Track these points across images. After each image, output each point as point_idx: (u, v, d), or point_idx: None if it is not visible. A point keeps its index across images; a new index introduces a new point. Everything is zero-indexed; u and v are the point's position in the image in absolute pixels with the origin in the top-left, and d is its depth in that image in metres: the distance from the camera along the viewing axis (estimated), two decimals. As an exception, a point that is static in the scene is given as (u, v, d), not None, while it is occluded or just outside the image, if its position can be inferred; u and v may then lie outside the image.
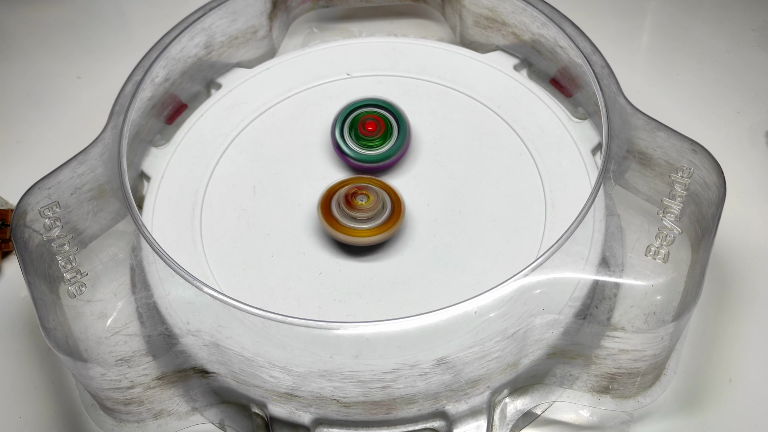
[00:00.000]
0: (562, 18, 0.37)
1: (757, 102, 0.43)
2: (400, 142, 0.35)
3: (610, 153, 0.31)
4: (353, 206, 0.32)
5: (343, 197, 0.32)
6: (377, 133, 0.35)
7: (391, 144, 0.35)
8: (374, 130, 0.35)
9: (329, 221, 0.32)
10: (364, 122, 0.35)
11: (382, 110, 0.35)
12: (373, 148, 0.34)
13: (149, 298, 0.29)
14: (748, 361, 0.33)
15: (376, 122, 0.35)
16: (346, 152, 0.34)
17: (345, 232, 0.31)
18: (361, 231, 0.31)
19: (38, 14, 0.50)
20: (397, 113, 0.35)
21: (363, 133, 0.35)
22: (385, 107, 0.35)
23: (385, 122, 0.35)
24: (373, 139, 0.35)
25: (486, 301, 0.28)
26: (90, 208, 0.31)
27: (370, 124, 0.35)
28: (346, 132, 0.35)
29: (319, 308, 0.31)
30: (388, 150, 0.34)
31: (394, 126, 0.35)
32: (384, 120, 0.35)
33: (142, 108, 0.36)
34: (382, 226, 0.32)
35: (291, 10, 0.44)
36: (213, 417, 0.32)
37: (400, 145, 0.35)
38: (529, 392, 0.32)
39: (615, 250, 0.30)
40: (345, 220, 0.32)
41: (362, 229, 0.31)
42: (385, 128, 0.35)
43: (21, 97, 0.46)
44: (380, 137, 0.35)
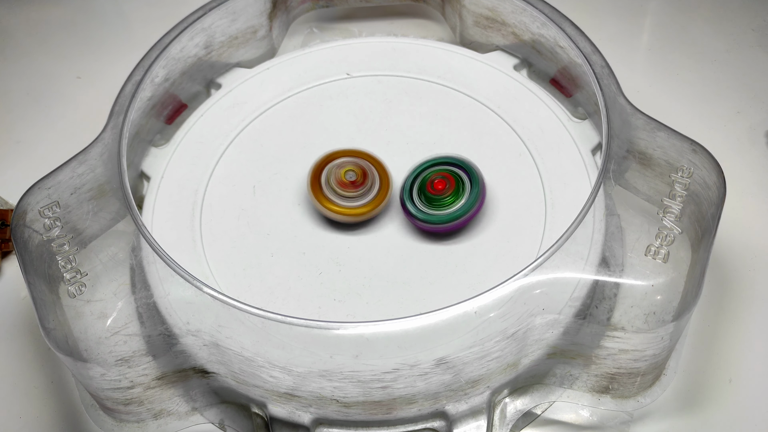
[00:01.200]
0: (562, 18, 0.37)
1: (756, 102, 0.43)
2: (474, 199, 0.32)
3: (610, 153, 0.31)
4: (343, 184, 0.32)
5: (333, 175, 0.33)
6: (446, 192, 0.32)
7: (463, 202, 0.32)
8: (443, 189, 0.32)
9: (320, 199, 0.33)
10: (434, 181, 0.32)
11: (453, 167, 0.33)
12: (444, 207, 0.32)
13: (149, 298, 0.29)
14: (748, 361, 0.33)
15: (446, 180, 0.32)
16: (415, 214, 0.32)
17: (335, 210, 0.32)
18: (351, 209, 0.32)
19: (38, 14, 0.50)
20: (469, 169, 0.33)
21: (432, 192, 0.32)
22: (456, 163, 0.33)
23: (456, 179, 0.32)
24: (443, 198, 0.32)
25: (486, 301, 0.28)
26: (90, 208, 0.31)
27: (439, 183, 0.32)
28: (416, 194, 0.33)
29: (319, 308, 0.31)
30: (460, 209, 0.32)
31: (466, 182, 0.32)
32: (454, 177, 0.32)
33: (141, 108, 0.36)
34: (373, 201, 0.33)
35: (291, 10, 0.44)
36: (213, 417, 0.32)
37: (473, 202, 0.32)
38: (529, 392, 0.32)
39: (615, 250, 0.30)
40: (335, 198, 0.32)
41: (352, 207, 0.32)
42: (455, 186, 0.32)
43: (21, 97, 0.46)
44: (451, 195, 0.32)
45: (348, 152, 0.34)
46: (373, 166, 0.33)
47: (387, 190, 0.33)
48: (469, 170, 0.33)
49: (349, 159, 0.33)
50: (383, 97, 0.38)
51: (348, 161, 0.33)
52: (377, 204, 0.33)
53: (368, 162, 0.34)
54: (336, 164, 0.33)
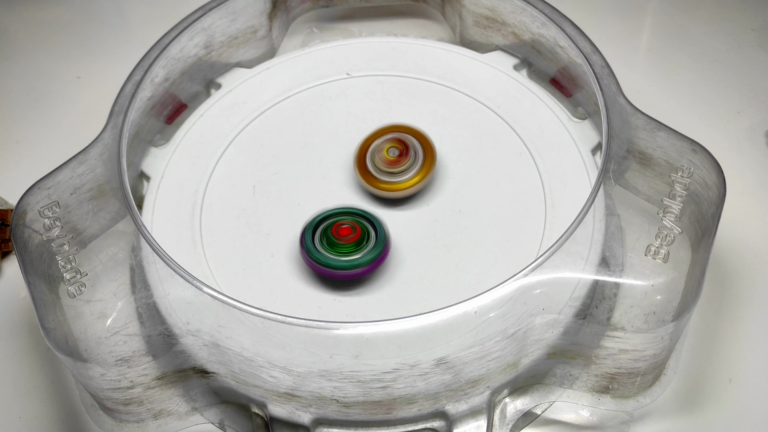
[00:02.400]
0: (562, 18, 0.37)
1: (757, 102, 0.43)
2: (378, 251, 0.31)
3: (610, 153, 0.31)
4: (387, 161, 0.33)
5: (376, 153, 0.34)
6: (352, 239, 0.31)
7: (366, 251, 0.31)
8: (348, 236, 0.31)
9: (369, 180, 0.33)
10: (339, 228, 0.32)
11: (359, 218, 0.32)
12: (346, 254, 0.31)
13: (149, 298, 0.29)
14: (748, 361, 0.33)
15: (352, 228, 0.31)
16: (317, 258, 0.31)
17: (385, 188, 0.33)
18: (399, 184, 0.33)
19: (38, 14, 0.50)
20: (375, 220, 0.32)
21: (336, 237, 0.31)
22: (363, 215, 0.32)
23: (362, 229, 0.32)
24: (348, 246, 0.31)
25: (486, 301, 0.27)
26: (90, 208, 0.31)
27: (345, 230, 0.31)
28: (317, 237, 0.32)
29: (319, 308, 0.31)
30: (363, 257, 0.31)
31: (371, 233, 0.32)
32: (361, 227, 0.32)
33: (141, 108, 0.36)
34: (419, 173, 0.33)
35: (291, 9, 0.44)
36: (213, 417, 0.32)
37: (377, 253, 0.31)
38: (529, 392, 0.32)
39: (615, 249, 0.30)
40: (382, 175, 0.33)
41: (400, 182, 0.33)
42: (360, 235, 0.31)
43: (21, 97, 0.46)
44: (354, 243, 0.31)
45: (384, 129, 0.35)
46: (412, 136, 0.34)
47: (432, 157, 0.34)
48: (376, 223, 0.32)
49: (389, 136, 0.34)
50: (383, 97, 0.38)
51: (387, 139, 0.34)
52: (426, 173, 0.33)
53: (406, 134, 0.34)
54: (376, 145, 0.34)
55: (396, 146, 0.34)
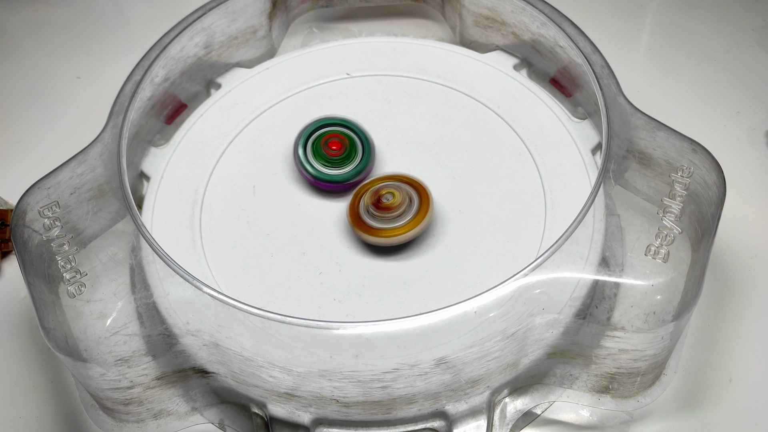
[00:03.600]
0: (562, 18, 0.37)
1: (756, 102, 0.43)
2: (364, 164, 0.34)
3: (610, 153, 0.31)
4: (382, 207, 0.32)
5: (370, 200, 0.32)
6: (340, 153, 0.34)
7: (354, 165, 0.34)
8: (338, 149, 0.34)
9: (363, 228, 0.32)
10: (328, 142, 0.34)
11: (347, 129, 0.35)
12: (336, 167, 0.34)
13: (149, 298, 0.29)
14: (748, 361, 0.33)
15: (341, 142, 0.34)
16: (309, 171, 0.34)
17: (379, 234, 0.32)
18: (394, 230, 0.32)
19: (38, 14, 0.50)
20: (361, 133, 0.35)
21: (327, 153, 0.34)
22: (349, 127, 0.35)
23: (350, 141, 0.34)
24: (337, 159, 0.34)
25: (486, 301, 0.27)
26: (89, 208, 0.31)
27: (334, 144, 0.34)
28: (309, 151, 0.34)
29: (318, 308, 0.31)
30: (351, 171, 0.34)
31: (358, 146, 0.35)
32: (348, 139, 0.35)
33: (141, 108, 0.36)
34: (414, 220, 0.32)
35: (290, 9, 0.44)
36: (213, 417, 0.32)
37: (363, 167, 0.34)
38: (529, 392, 0.32)
39: (615, 249, 0.30)
40: (376, 222, 0.32)
41: (395, 228, 0.32)
42: (349, 148, 0.34)
43: (21, 97, 0.46)
44: (343, 157, 0.34)
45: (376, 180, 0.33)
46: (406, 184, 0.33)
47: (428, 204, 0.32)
48: (358, 132, 0.35)
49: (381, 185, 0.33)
50: (383, 97, 0.38)
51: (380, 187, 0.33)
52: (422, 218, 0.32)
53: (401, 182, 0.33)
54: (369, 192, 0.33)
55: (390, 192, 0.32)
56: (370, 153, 0.34)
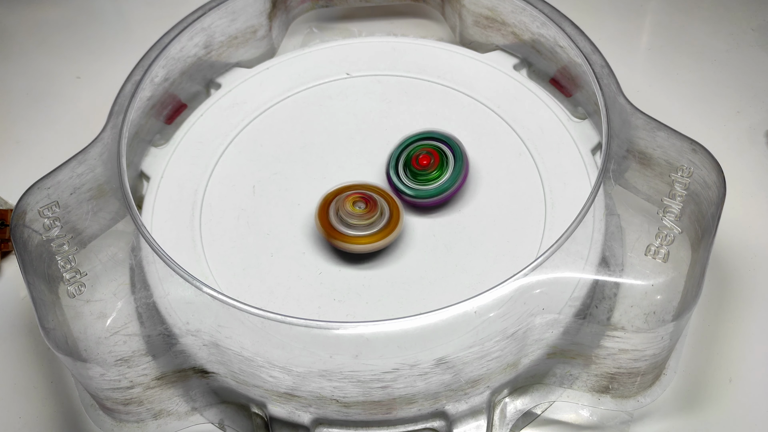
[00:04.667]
0: (562, 18, 0.37)
1: (756, 102, 0.43)
2: (457, 173, 0.33)
3: (610, 153, 0.31)
4: (351, 213, 0.31)
5: (342, 204, 0.32)
6: (431, 167, 0.33)
7: (447, 176, 0.33)
8: (428, 164, 0.33)
9: (327, 229, 0.32)
10: (419, 157, 0.33)
11: (437, 142, 0.34)
12: (429, 182, 0.33)
13: (149, 298, 0.29)
14: (748, 361, 0.33)
15: (430, 155, 0.33)
16: (402, 190, 0.33)
17: (342, 239, 0.31)
18: (358, 238, 0.31)
19: (38, 14, 0.50)
20: (452, 143, 0.34)
21: (417, 167, 0.33)
22: (440, 138, 0.34)
23: (440, 154, 0.33)
24: (429, 173, 0.33)
25: (486, 301, 0.27)
26: (89, 208, 0.31)
27: (424, 158, 0.33)
28: (401, 169, 0.34)
29: (318, 308, 0.31)
30: (445, 183, 0.33)
31: (450, 157, 0.33)
32: (438, 152, 0.33)
33: (141, 108, 0.36)
34: (380, 232, 0.31)
35: (290, 9, 0.44)
36: (213, 417, 0.32)
37: (457, 176, 0.33)
38: (529, 392, 0.32)
39: (615, 249, 0.30)
40: (342, 227, 0.31)
41: (360, 236, 0.31)
42: (440, 161, 0.33)
43: (20, 96, 0.46)
44: (436, 170, 0.33)
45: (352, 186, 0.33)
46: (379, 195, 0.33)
47: (399, 216, 0.32)
48: (452, 145, 0.34)
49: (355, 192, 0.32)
50: (383, 97, 0.38)
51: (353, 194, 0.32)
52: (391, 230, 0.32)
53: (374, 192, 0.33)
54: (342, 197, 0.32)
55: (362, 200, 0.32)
56: (462, 160, 0.33)
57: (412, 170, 0.33)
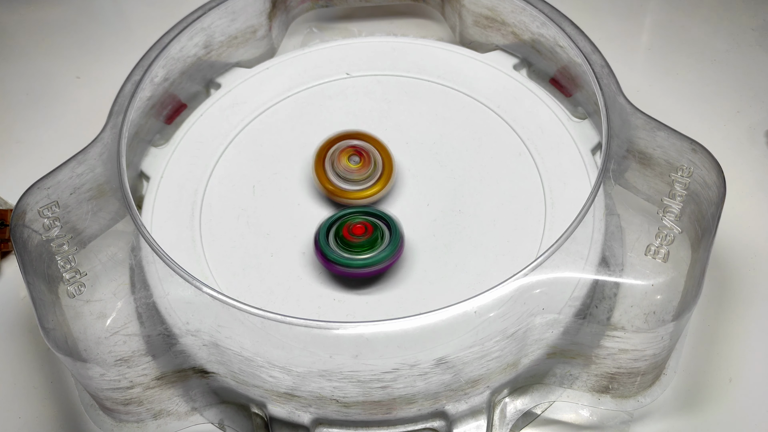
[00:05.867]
0: (562, 17, 0.37)
1: (756, 101, 0.43)
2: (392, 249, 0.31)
3: (610, 152, 0.31)
4: (348, 169, 0.33)
5: (338, 159, 0.33)
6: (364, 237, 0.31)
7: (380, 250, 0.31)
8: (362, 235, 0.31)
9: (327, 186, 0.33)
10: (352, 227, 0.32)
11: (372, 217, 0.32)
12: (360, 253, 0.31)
13: (148, 298, 0.29)
14: (748, 361, 0.33)
15: (364, 227, 0.32)
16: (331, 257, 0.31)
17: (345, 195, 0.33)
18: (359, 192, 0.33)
19: (38, 14, 0.50)
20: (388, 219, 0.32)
21: (349, 237, 0.31)
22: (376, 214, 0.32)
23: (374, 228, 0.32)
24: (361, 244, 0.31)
25: (486, 301, 0.27)
26: (89, 207, 0.31)
27: (357, 229, 0.31)
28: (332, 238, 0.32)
29: (318, 308, 0.31)
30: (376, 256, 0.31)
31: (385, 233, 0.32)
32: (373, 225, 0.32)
33: (141, 108, 0.36)
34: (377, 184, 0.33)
35: (290, 9, 0.44)
36: (212, 417, 0.32)
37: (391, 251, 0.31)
38: (529, 392, 0.32)
39: (615, 249, 0.30)
40: (342, 183, 0.33)
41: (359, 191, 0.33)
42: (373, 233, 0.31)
43: (20, 96, 0.46)
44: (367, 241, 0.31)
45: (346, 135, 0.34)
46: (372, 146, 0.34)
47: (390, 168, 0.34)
48: (389, 221, 0.32)
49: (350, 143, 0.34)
50: (383, 97, 0.38)
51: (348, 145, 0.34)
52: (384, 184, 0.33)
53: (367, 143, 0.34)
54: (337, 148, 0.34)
55: (356, 155, 0.34)
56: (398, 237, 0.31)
57: (344, 240, 0.31)
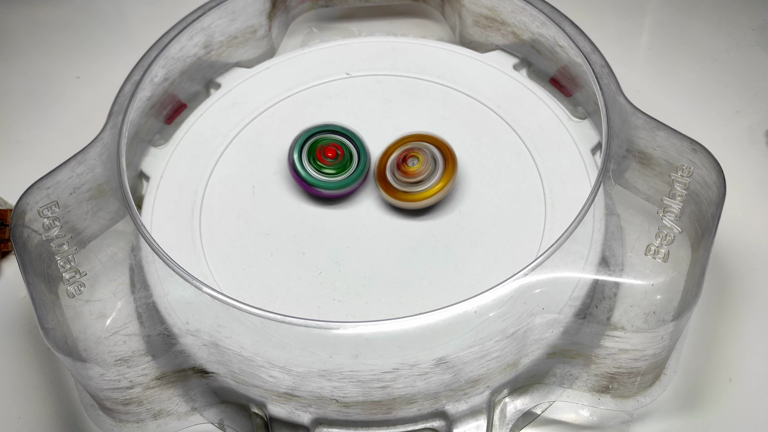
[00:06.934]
0: (562, 17, 0.37)
1: (756, 101, 0.43)
2: (360, 172, 0.34)
3: (610, 152, 0.31)
4: (406, 172, 0.33)
5: (395, 165, 0.33)
6: (336, 160, 0.34)
7: (350, 173, 0.34)
8: (333, 157, 0.34)
9: (390, 192, 0.33)
10: (323, 149, 0.34)
11: (342, 137, 0.35)
12: (331, 175, 0.34)
13: (148, 297, 0.29)
14: (748, 361, 0.33)
15: (335, 150, 0.34)
16: (304, 177, 0.34)
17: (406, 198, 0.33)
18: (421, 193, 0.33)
19: (38, 14, 0.50)
20: (357, 141, 0.35)
21: (322, 160, 0.34)
22: (345, 134, 0.35)
23: (345, 150, 0.34)
24: (332, 167, 0.34)
25: (486, 301, 0.27)
26: (89, 207, 0.31)
27: (329, 151, 0.34)
28: (305, 157, 0.34)
29: (318, 308, 0.31)
30: (346, 179, 0.34)
31: (354, 154, 0.34)
32: (343, 147, 0.34)
33: (141, 108, 0.36)
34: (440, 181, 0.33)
35: (290, 9, 0.44)
36: (212, 417, 0.32)
37: (358, 175, 0.34)
38: (529, 392, 0.32)
39: (615, 249, 0.30)
40: (403, 186, 0.33)
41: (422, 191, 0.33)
42: (344, 156, 0.34)
43: (20, 96, 0.46)
44: (339, 165, 0.34)
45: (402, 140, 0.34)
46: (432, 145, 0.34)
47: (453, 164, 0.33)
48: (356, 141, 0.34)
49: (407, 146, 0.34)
50: (383, 96, 0.38)
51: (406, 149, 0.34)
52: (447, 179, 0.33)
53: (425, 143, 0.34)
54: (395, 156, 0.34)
55: (415, 156, 0.33)
56: (365, 162, 0.34)
57: (317, 163, 0.34)
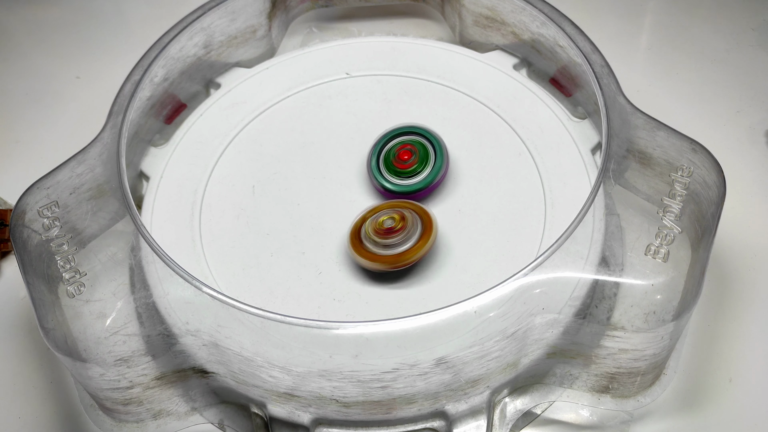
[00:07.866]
0: (562, 17, 0.37)
1: (756, 101, 0.43)
2: (438, 168, 0.33)
3: (610, 152, 0.31)
4: (383, 233, 0.31)
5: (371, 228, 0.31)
6: (413, 163, 0.34)
7: (428, 171, 0.33)
8: (409, 159, 0.34)
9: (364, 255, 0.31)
10: (399, 152, 0.34)
11: (417, 137, 0.34)
12: (409, 177, 0.33)
13: (148, 297, 0.29)
14: (748, 361, 0.33)
15: (411, 152, 0.34)
16: (385, 186, 0.34)
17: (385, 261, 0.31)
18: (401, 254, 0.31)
19: (38, 14, 0.50)
20: (432, 138, 0.34)
21: (398, 165, 0.34)
22: (420, 133, 0.34)
23: (420, 149, 0.34)
24: (409, 170, 0.34)
25: (486, 301, 0.27)
26: (89, 207, 0.31)
27: (405, 154, 0.34)
28: (382, 164, 0.34)
29: (318, 308, 0.31)
30: (426, 178, 0.33)
31: (430, 152, 0.34)
32: (419, 147, 0.34)
33: (141, 108, 0.36)
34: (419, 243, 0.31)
35: (290, 9, 0.44)
36: (212, 417, 0.32)
37: (438, 170, 0.33)
38: (529, 392, 0.32)
39: (615, 249, 0.30)
40: (379, 249, 0.31)
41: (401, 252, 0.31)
42: (420, 156, 0.34)
43: (20, 96, 0.46)
44: (416, 166, 0.34)
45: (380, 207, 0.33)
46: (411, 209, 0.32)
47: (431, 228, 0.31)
48: (432, 139, 0.34)
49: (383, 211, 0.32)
50: (383, 96, 0.38)
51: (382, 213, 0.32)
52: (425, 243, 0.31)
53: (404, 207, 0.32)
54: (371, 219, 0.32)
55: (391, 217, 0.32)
56: (443, 159, 0.34)
57: (394, 168, 0.34)
